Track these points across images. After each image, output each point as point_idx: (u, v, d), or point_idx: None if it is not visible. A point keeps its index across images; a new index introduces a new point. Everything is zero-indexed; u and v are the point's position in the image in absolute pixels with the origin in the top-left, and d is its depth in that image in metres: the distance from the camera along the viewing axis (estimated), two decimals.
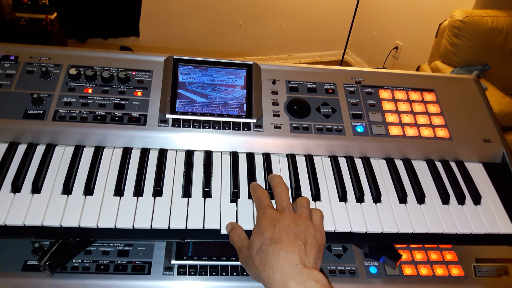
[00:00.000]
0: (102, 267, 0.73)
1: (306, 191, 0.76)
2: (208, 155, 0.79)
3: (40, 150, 0.76)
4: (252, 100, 0.84)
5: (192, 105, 0.82)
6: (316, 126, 0.83)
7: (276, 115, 0.83)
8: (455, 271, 0.81)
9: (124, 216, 0.68)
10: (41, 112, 0.76)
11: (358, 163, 0.83)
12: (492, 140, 0.87)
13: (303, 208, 0.67)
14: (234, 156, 0.80)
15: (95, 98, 0.80)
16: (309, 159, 0.81)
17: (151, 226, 0.67)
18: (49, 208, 0.68)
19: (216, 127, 0.80)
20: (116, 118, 0.78)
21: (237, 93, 0.85)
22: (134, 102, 0.80)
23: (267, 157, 0.80)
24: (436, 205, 0.78)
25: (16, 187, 0.69)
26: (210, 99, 0.83)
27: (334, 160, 0.82)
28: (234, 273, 0.75)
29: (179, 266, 0.75)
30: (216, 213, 0.71)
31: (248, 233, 0.66)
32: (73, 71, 0.81)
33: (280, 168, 0.79)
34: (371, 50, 4.02)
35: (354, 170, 0.81)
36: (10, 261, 0.72)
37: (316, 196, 0.75)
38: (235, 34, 3.79)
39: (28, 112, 0.76)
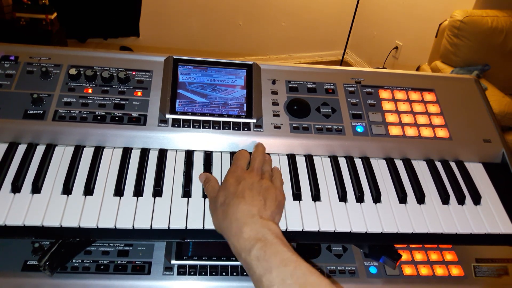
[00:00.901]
0: (102, 267, 0.73)
1: (306, 191, 0.76)
2: (208, 155, 0.79)
3: (40, 150, 0.76)
4: (252, 100, 0.84)
5: (192, 105, 0.82)
6: (316, 126, 0.83)
7: (276, 115, 0.83)
8: (455, 271, 0.81)
9: (124, 216, 0.68)
10: (41, 112, 0.76)
11: (358, 163, 0.83)
12: (492, 140, 0.87)
13: (267, 172, 0.73)
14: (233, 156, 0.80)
15: (95, 98, 0.80)
16: (309, 159, 0.81)
17: (151, 226, 0.67)
18: (49, 208, 0.68)
19: (216, 127, 0.80)
20: (116, 118, 0.78)
21: (237, 93, 0.85)
22: (134, 102, 0.80)
23: None
24: (436, 205, 0.78)
25: (16, 187, 0.69)
26: (210, 99, 0.83)
27: (334, 160, 0.82)
28: (234, 273, 0.75)
29: (179, 266, 0.75)
30: None
31: None
32: (73, 71, 0.81)
33: (280, 168, 0.79)
34: (371, 50, 4.02)
35: (354, 170, 0.81)
36: (10, 261, 0.72)
37: (316, 196, 0.75)
38: (235, 34, 3.79)
39: (28, 112, 0.76)
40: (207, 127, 0.80)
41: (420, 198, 0.78)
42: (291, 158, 0.81)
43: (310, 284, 0.53)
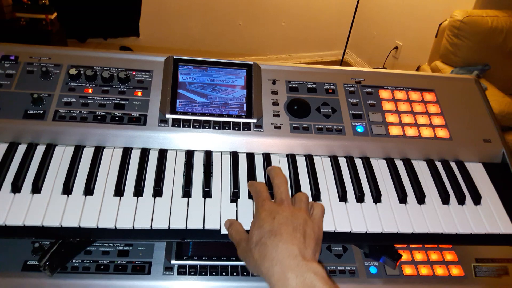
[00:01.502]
0: (102, 267, 0.73)
1: (306, 191, 0.76)
2: (208, 155, 0.79)
3: (40, 150, 0.76)
4: (252, 100, 0.84)
5: (192, 105, 0.82)
6: (316, 126, 0.83)
7: (276, 115, 0.83)
8: (455, 271, 0.81)
9: (124, 216, 0.68)
10: (41, 112, 0.76)
11: (358, 163, 0.83)
12: (492, 140, 0.87)
13: (302, 202, 0.67)
14: (234, 156, 0.80)
15: (95, 98, 0.80)
16: (309, 159, 0.81)
17: (151, 226, 0.67)
18: (49, 208, 0.67)
19: (216, 127, 0.80)
20: (116, 118, 0.78)
21: (237, 93, 0.85)
22: (134, 102, 0.80)
23: (267, 157, 0.80)
24: (436, 205, 0.78)
25: (16, 187, 0.69)
26: (210, 99, 0.83)
27: (334, 160, 0.82)
28: (234, 273, 0.75)
29: (179, 266, 0.75)
30: (216, 213, 0.71)
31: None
32: (73, 71, 0.81)
33: (280, 168, 0.79)
34: (371, 50, 4.02)
35: (354, 170, 0.81)
36: (10, 261, 0.72)
37: (316, 196, 0.75)
38: (235, 34, 3.79)
39: (28, 112, 0.76)
40: (207, 127, 0.80)
41: (420, 198, 0.78)
42: (291, 158, 0.81)
43: None
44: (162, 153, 0.78)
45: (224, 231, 0.69)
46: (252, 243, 0.61)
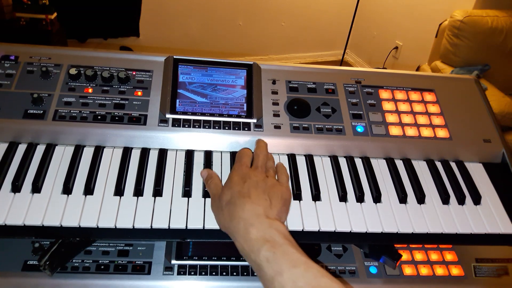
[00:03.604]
0: (102, 267, 0.73)
1: (306, 191, 0.76)
2: (208, 155, 0.79)
3: (40, 150, 0.76)
4: (252, 100, 0.84)
5: (192, 105, 0.82)
6: (316, 126, 0.83)
7: (276, 115, 0.83)
8: (455, 271, 0.81)
9: (124, 216, 0.68)
10: (41, 112, 0.76)
11: (358, 163, 0.83)
12: (492, 140, 0.87)
13: (271, 169, 0.74)
14: (234, 156, 0.80)
15: (95, 98, 0.80)
16: (309, 159, 0.81)
17: (151, 226, 0.67)
18: (49, 208, 0.67)
19: (216, 127, 0.80)
20: (116, 118, 0.78)
21: (237, 93, 0.85)
22: (134, 102, 0.80)
23: None
24: (436, 205, 0.78)
25: (16, 187, 0.69)
26: (210, 99, 0.83)
27: (334, 160, 0.82)
28: (234, 273, 0.75)
29: (179, 266, 0.75)
30: None
31: None
32: (73, 71, 0.81)
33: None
34: (371, 50, 4.02)
35: (354, 170, 0.81)
36: (10, 261, 0.72)
37: (316, 196, 0.75)
38: (235, 34, 3.79)
39: (28, 112, 0.76)
40: (207, 127, 0.80)
41: (420, 198, 0.78)
42: (291, 158, 0.81)
43: (322, 286, 0.52)
44: (162, 153, 0.78)
45: None
46: (223, 201, 0.66)
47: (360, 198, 0.76)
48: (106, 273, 0.72)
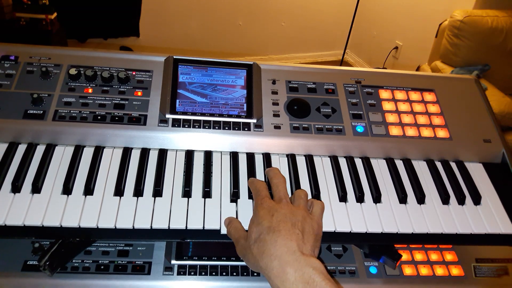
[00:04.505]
0: (102, 267, 0.73)
1: (306, 191, 0.76)
2: (208, 155, 0.79)
3: (40, 150, 0.76)
4: (252, 100, 0.84)
5: (192, 105, 0.82)
6: (316, 126, 0.83)
7: (276, 115, 0.83)
8: (455, 271, 0.81)
9: (124, 216, 0.68)
10: (41, 112, 0.76)
11: (358, 163, 0.83)
12: (492, 140, 0.87)
13: (301, 199, 0.68)
14: (234, 156, 0.80)
15: (95, 98, 0.80)
16: (309, 159, 0.81)
17: (151, 226, 0.67)
18: (49, 208, 0.67)
19: (216, 127, 0.80)
20: (116, 118, 0.78)
21: (237, 93, 0.85)
22: (134, 102, 0.80)
23: (267, 157, 0.80)
24: (436, 205, 0.78)
25: (16, 187, 0.69)
26: (210, 99, 0.83)
27: (334, 160, 0.82)
28: (234, 273, 0.75)
29: (179, 266, 0.75)
30: (216, 213, 0.71)
31: None
32: (73, 71, 0.81)
33: (280, 168, 0.79)
34: (371, 50, 4.02)
35: (354, 170, 0.81)
36: (10, 261, 0.72)
37: (316, 196, 0.75)
38: (235, 34, 3.79)
39: (28, 112, 0.76)
40: (207, 127, 0.80)
41: (420, 198, 0.78)
42: (291, 158, 0.81)
43: None
44: (162, 153, 0.78)
45: (224, 231, 0.69)
46: (251, 239, 0.62)
47: (360, 198, 0.76)
48: (106, 273, 0.72)
